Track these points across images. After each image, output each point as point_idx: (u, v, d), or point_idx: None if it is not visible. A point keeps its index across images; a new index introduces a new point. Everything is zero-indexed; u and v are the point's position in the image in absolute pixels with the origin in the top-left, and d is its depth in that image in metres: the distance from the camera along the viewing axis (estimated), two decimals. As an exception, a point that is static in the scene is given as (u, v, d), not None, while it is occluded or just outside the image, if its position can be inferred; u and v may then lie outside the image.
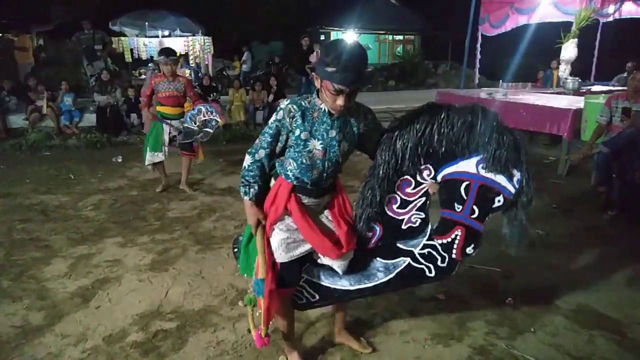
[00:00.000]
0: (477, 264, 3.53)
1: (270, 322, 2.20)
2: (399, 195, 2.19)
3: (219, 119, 5.43)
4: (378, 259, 2.27)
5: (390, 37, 22.76)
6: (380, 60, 21.76)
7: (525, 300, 3.05)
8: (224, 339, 2.64)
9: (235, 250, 2.55)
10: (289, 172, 2.08)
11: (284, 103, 2.03)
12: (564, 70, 9.11)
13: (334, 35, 22.60)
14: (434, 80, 17.63)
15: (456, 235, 2.10)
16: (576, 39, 8.79)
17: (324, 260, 2.24)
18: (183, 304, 3.02)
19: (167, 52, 5.17)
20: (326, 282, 2.29)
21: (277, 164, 2.14)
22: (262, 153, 2.06)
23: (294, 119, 1.98)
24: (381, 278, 2.24)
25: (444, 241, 2.13)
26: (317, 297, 2.33)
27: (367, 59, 1.90)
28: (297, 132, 1.99)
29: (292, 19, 19.12)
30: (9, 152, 7.66)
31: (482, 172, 2.02)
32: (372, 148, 2.18)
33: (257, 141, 2.09)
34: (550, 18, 9.46)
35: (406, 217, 2.20)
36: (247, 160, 2.10)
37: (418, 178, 2.15)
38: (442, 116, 2.04)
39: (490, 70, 12.77)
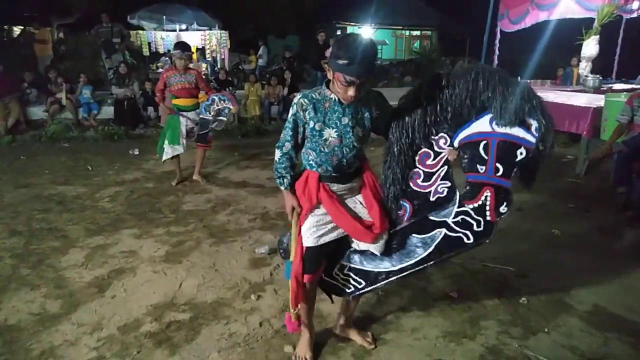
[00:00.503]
0: (491, 263, 3.50)
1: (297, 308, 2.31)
2: (420, 169, 2.21)
3: (231, 107, 5.58)
4: (414, 235, 2.27)
5: (407, 32, 22.58)
6: (397, 56, 21.60)
7: (539, 300, 3.02)
8: (236, 332, 2.67)
9: (282, 251, 2.54)
10: (311, 162, 2.18)
11: (296, 98, 2.14)
12: (584, 68, 8.93)
13: (350, 30, 22.52)
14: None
15: (486, 197, 2.07)
16: (598, 36, 8.60)
17: (361, 245, 2.30)
18: (196, 296, 3.06)
19: (183, 46, 5.26)
20: (369, 266, 2.35)
21: (302, 157, 2.24)
22: (288, 146, 2.18)
23: (307, 112, 2.09)
24: (421, 254, 2.26)
25: (475, 205, 2.11)
26: (364, 283, 2.38)
27: (377, 52, 1.98)
28: (312, 123, 2.10)
29: (308, 14, 19.08)
30: (29, 143, 7.81)
31: (497, 129, 2.00)
32: (385, 129, 2.22)
33: (281, 135, 2.20)
34: (571, 14, 9.26)
35: (432, 188, 2.20)
36: (277, 154, 2.22)
37: (435, 148, 2.16)
38: (443, 83, 2.06)
39: (509, 67, 12.49)
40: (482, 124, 2.03)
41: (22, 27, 13.34)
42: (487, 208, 2.08)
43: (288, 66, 10.82)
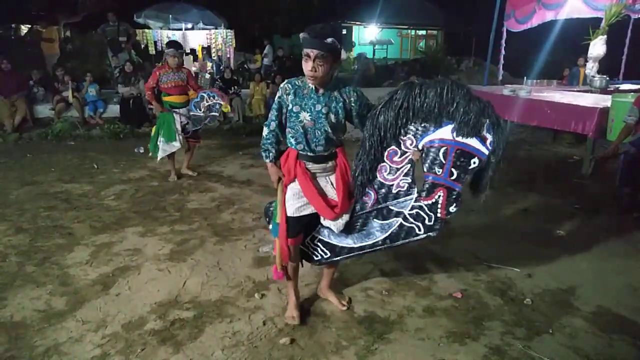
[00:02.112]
0: (496, 263, 3.49)
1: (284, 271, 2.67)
2: (387, 164, 2.49)
3: (221, 102, 5.75)
4: (375, 220, 2.58)
5: (413, 32, 22.53)
6: (402, 55, 21.55)
7: (544, 301, 3.01)
8: (240, 330, 2.67)
9: (268, 219, 2.91)
10: (291, 140, 2.52)
11: (282, 83, 2.49)
12: (591, 68, 8.87)
13: (355, 30, 22.48)
14: (457, 76, 17.32)
15: (439, 196, 2.35)
16: (605, 36, 8.54)
17: (325, 222, 2.63)
18: (200, 294, 3.07)
19: (176, 45, 5.50)
20: (335, 241, 2.69)
21: (286, 136, 2.56)
22: (273, 124, 2.52)
23: (289, 95, 2.45)
24: (378, 237, 2.58)
25: (429, 202, 2.39)
26: (329, 254, 2.73)
27: (338, 34, 2.31)
28: (291, 105, 2.45)
29: (314, 13, 19.05)
30: (35, 141, 7.86)
31: (457, 138, 2.26)
32: (362, 123, 2.51)
33: (269, 115, 2.56)
34: (578, 14, 9.19)
35: (396, 182, 2.50)
36: (265, 131, 2.56)
37: (403, 147, 2.43)
38: (416, 91, 2.29)
39: (515, 67, 12.50)
40: (445, 132, 2.29)
41: (30, 26, 13.43)
42: (439, 206, 2.36)
43: (280, 65, 10.74)
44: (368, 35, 21.15)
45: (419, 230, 2.46)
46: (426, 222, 2.44)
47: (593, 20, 8.81)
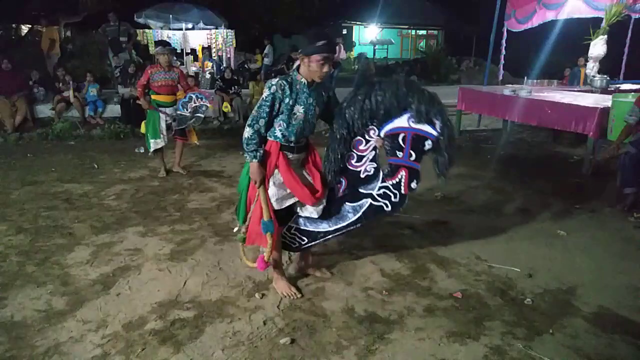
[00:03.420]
0: (496, 263, 3.49)
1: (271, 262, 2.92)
2: (354, 153, 2.86)
3: (208, 104, 5.88)
4: (347, 203, 2.93)
5: (413, 32, 22.54)
6: (403, 55, 21.59)
7: (544, 301, 3.01)
8: (240, 330, 2.67)
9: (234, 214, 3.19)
10: (277, 133, 2.72)
11: (274, 80, 2.66)
12: (591, 68, 8.86)
13: (356, 29, 22.50)
14: (457, 76, 17.36)
15: (402, 176, 2.75)
16: (605, 36, 8.53)
17: (304, 212, 2.96)
18: (201, 294, 3.07)
19: (164, 43, 5.67)
20: (310, 227, 3.02)
21: (270, 131, 2.75)
22: (261, 122, 2.66)
23: (284, 91, 2.63)
24: (351, 218, 2.93)
25: (394, 181, 2.79)
26: (306, 240, 3.07)
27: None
28: (287, 100, 2.65)
29: (314, 13, 19.06)
30: (35, 141, 7.86)
31: (412, 125, 2.68)
32: (331, 117, 2.86)
33: (254, 114, 2.66)
34: (579, 14, 9.19)
35: (363, 168, 2.87)
36: (249, 131, 2.66)
37: (367, 137, 2.83)
38: (376, 88, 2.70)
39: (515, 67, 12.51)
40: (402, 121, 2.71)
41: (30, 26, 13.43)
42: (402, 184, 2.76)
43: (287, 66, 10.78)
44: (368, 35, 21.18)
45: (387, 207, 2.85)
46: (392, 199, 2.82)
47: (593, 20, 8.81)
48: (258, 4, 17.60)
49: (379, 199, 2.84)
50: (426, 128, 2.66)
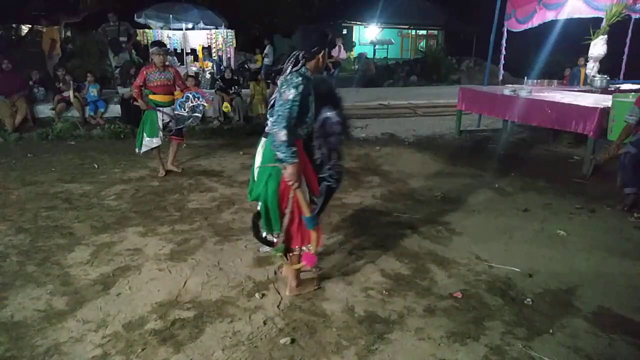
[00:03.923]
0: (496, 263, 3.49)
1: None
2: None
3: (205, 104, 5.88)
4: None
5: (413, 31, 22.53)
6: (403, 55, 21.58)
7: (544, 301, 3.01)
8: (240, 330, 2.68)
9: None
10: (299, 131, 2.71)
11: (299, 79, 2.58)
12: (591, 68, 8.86)
13: (356, 29, 22.49)
14: (457, 76, 17.35)
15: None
16: (606, 36, 8.53)
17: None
18: (201, 294, 3.07)
19: (159, 43, 5.67)
20: None
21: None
22: (292, 122, 2.57)
23: (309, 89, 2.66)
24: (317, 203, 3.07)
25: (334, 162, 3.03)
26: None
27: None
28: (310, 97, 2.69)
29: (314, 13, 19.07)
30: (36, 141, 7.85)
31: (327, 114, 2.87)
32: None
33: (285, 115, 2.52)
34: (579, 14, 9.18)
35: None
36: (285, 134, 2.51)
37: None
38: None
39: (515, 67, 12.50)
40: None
41: (30, 26, 13.44)
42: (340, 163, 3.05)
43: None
44: (369, 35, 21.17)
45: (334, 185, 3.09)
46: (334, 177, 3.06)
47: (593, 20, 8.81)
48: (258, 4, 17.60)
49: (329, 179, 3.09)
50: (332, 114, 2.93)
